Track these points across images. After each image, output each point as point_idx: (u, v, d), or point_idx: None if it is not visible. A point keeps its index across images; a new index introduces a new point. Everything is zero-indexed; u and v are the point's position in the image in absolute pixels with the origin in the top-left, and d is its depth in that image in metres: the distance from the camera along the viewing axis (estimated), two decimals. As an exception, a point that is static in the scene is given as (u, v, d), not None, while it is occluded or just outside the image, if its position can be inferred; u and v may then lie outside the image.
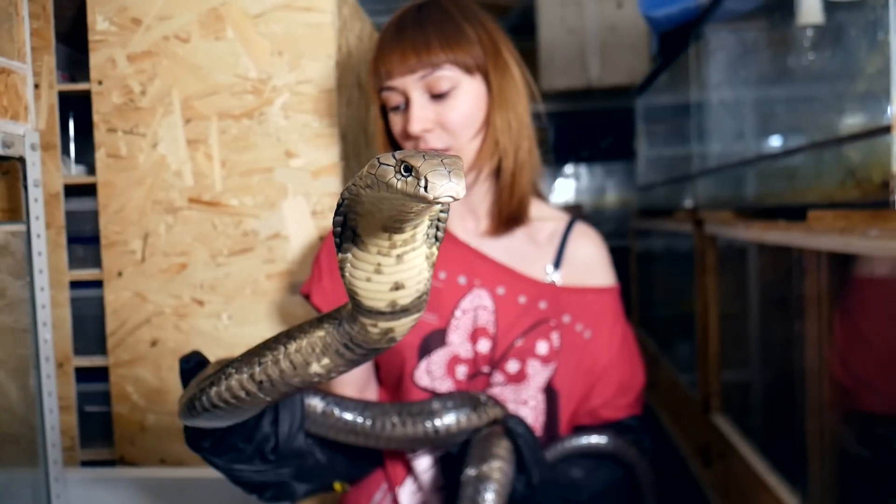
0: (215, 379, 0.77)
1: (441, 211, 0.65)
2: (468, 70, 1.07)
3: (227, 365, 0.78)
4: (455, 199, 0.52)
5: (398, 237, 0.63)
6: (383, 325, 0.68)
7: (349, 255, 0.65)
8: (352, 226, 0.64)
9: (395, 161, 0.54)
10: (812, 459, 1.16)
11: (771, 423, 1.44)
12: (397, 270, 0.64)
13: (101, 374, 1.50)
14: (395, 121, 1.11)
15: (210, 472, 1.32)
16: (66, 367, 1.49)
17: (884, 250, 0.86)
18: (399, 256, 0.64)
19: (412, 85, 1.06)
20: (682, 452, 1.93)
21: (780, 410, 1.38)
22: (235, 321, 1.42)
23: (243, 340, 1.42)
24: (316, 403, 0.96)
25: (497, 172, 1.16)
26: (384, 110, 1.14)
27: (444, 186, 0.51)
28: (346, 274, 0.66)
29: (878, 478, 1.04)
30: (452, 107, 1.07)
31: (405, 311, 0.67)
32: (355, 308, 0.68)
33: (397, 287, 0.65)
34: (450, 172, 0.51)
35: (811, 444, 1.16)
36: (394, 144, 1.15)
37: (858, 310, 1.07)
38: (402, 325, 0.68)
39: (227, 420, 0.81)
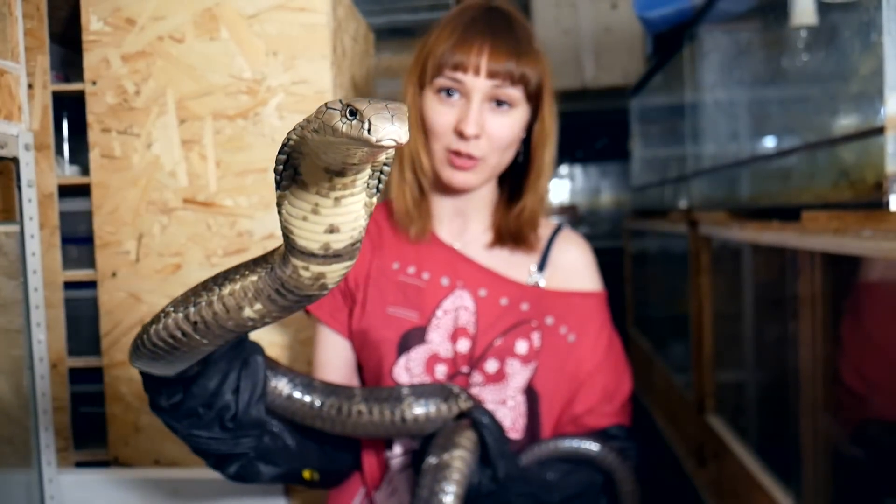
0: (155, 318, 0.77)
1: (384, 163, 0.66)
2: (528, 96, 1.10)
3: (168, 304, 0.78)
4: (397, 144, 0.53)
5: (339, 180, 0.63)
6: (315, 268, 0.67)
7: (287, 193, 0.66)
8: (294, 164, 0.65)
9: (341, 105, 0.55)
10: (806, 460, 1.17)
11: (765, 423, 1.45)
12: (334, 213, 0.65)
13: (95, 374, 1.49)
14: (442, 109, 1.09)
15: (205, 473, 1.32)
16: (60, 367, 1.49)
17: (877, 251, 0.86)
18: (337, 199, 0.64)
19: (482, 88, 1.06)
20: (677, 453, 1.93)
21: (774, 411, 1.38)
22: (230, 322, 1.42)
23: (238, 341, 1.41)
24: (282, 387, 0.95)
25: (500, 183, 1.19)
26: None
27: (387, 129, 0.52)
28: (283, 211, 0.66)
29: (874, 479, 1.04)
30: (505, 124, 1.09)
31: (337, 256, 0.67)
32: (288, 249, 0.68)
33: (332, 230, 0.65)
34: (393, 116, 0.53)
35: (805, 444, 1.17)
36: (428, 130, 1.13)
37: (871, 316, 1.07)
38: (333, 272, 0.68)
39: (172, 364, 0.81)
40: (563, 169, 3.75)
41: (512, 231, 1.16)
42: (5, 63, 1.22)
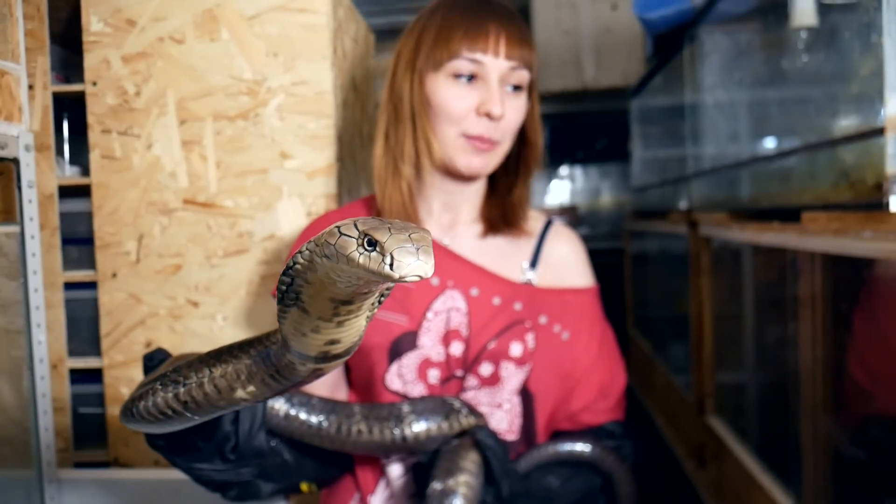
0: (144, 392, 0.75)
1: None
2: (531, 81, 1.11)
3: (156, 378, 0.75)
4: (422, 279, 0.49)
5: (344, 308, 0.59)
6: (311, 366, 0.65)
7: (290, 312, 0.61)
8: (297, 290, 0.60)
9: (357, 232, 0.50)
10: (806, 461, 1.17)
11: (765, 424, 1.44)
12: (335, 332, 0.61)
13: (95, 375, 1.49)
14: (459, 93, 1.06)
15: (205, 474, 1.32)
16: (61, 368, 1.49)
17: (877, 252, 0.86)
18: (340, 322, 0.61)
19: (500, 69, 1.06)
20: (677, 453, 1.93)
21: (774, 412, 1.38)
22: (230, 322, 1.42)
23: (238, 342, 1.41)
24: (280, 406, 0.94)
25: (492, 177, 1.18)
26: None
27: (412, 265, 0.48)
28: (282, 324, 0.63)
29: (875, 479, 1.04)
30: (519, 108, 1.10)
31: (336, 357, 0.65)
32: (285, 345, 0.65)
33: (332, 343, 0.62)
34: (418, 249, 0.48)
35: (805, 445, 1.16)
36: (439, 117, 1.08)
37: (882, 309, 1.05)
38: (330, 367, 0.66)
39: (164, 429, 0.79)
40: (564, 170, 3.75)
41: (507, 218, 1.16)
42: (6, 64, 1.22)
